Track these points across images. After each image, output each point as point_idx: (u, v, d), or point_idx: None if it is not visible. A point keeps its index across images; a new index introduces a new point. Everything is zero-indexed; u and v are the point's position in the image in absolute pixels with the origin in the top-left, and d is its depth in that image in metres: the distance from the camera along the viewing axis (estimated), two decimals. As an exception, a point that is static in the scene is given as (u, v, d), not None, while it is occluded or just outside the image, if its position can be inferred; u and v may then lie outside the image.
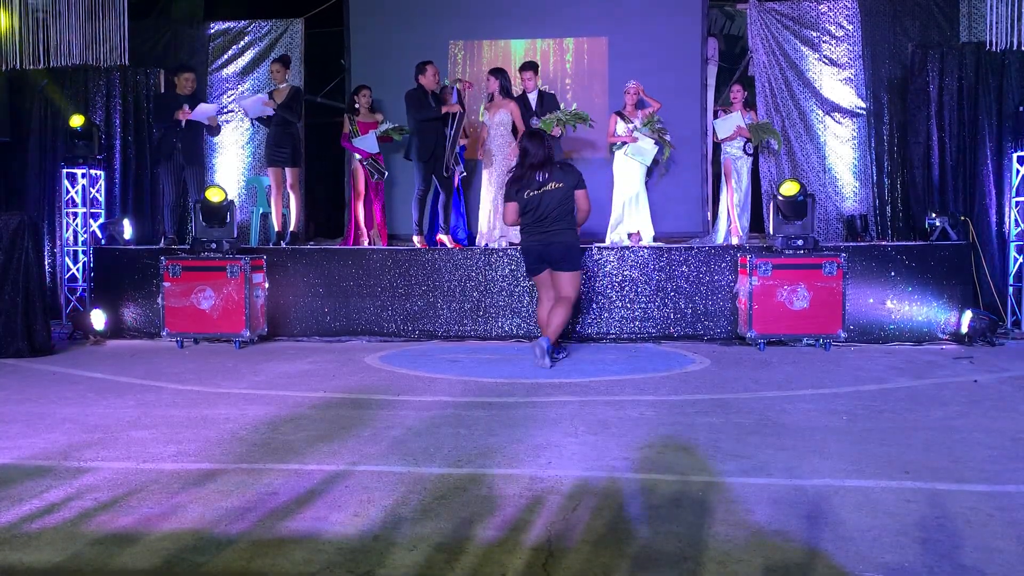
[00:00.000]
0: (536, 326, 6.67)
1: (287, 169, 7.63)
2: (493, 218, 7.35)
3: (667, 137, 7.52)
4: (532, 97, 7.46)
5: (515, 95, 7.46)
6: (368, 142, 7.63)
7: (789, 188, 6.34)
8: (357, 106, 7.82)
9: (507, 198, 5.41)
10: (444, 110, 7.10)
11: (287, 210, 7.85)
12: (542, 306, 5.54)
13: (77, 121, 7.56)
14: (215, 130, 7.88)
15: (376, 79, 8.46)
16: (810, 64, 8.68)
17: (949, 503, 2.62)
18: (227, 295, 6.35)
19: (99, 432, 3.65)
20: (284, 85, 7.66)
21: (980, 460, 3.11)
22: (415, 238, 7.25)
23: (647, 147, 7.48)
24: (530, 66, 7.48)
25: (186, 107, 7.38)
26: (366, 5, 9.19)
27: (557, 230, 5.27)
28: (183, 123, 7.38)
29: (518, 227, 5.60)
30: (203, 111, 7.51)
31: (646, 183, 7.82)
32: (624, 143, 7.53)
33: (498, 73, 7.31)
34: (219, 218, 6.60)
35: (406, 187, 8.81)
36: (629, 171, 7.62)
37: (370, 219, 7.93)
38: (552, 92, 7.72)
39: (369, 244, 7.73)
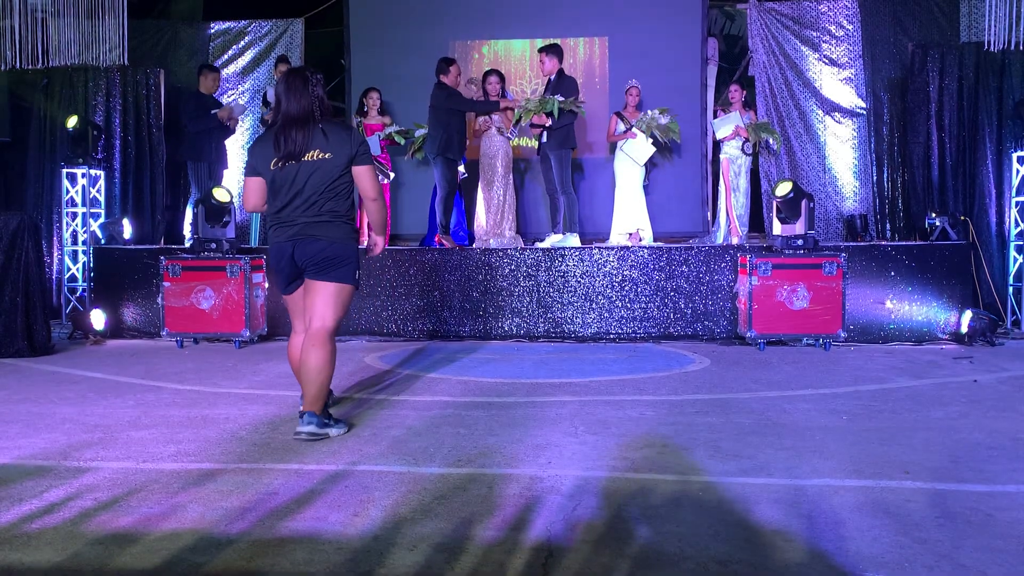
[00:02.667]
0: (536, 326, 6.69)
1: None
2: (486, 216, 7.37)
3: (665, 121, 7.53)
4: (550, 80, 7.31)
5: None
6: (371, 144, 7.67)
7: (782, 188, 6.37)
8: (366, 108, 7.83)
9: (247, 170, 3.63)
10: (504, 105, 7.23)
11: None
12: (295, 342, 3.71)
13: (74, 122, 7.56)
14: (230, 132, 7.93)
15: (376, 79, 8.47)
16: (810, 64, 8.69)
17: (949, 503, 2.62)
18: (227, 295, 6.35)
19: (99, 432, 3.65)
20: None
21: (980, 460, 3.11)
22: (444, 239, 7.26)
23: (642, 147, 7.50)
24: (545, 48, 7.23)
25: (230, 106, 7.64)
26: (366, 5, 9.19)
27: (315, 220, 3.49)
28: (220, 122, 7.58)
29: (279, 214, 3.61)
30: (238, 108, 7.85)
31: (646, 183, 7.84)
32: (624, 139, 7.56)
33: (499, 74, 7.39)
34: (219, 218, 6.61)
35: (409, 188, 8.84)
36: (628, 171, 7.64)
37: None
38: (572, 76, 7.37)
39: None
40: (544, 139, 7.15)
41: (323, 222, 3.50)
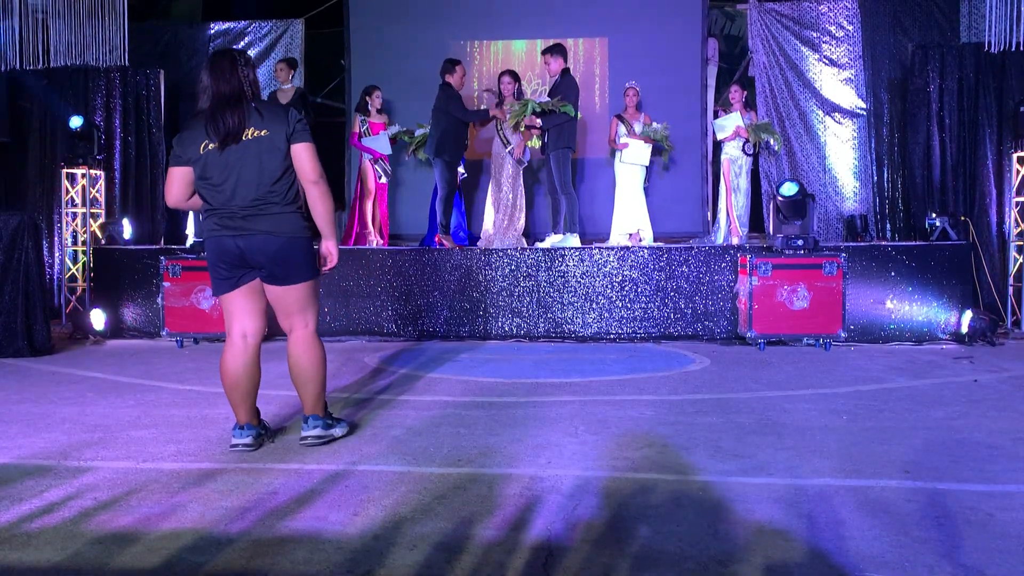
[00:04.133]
0: (536, 326, 6.68)
1: None
2: (494, 216, 7.33)
3: (666, 133, 7.57)
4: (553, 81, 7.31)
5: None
6: (380, 143, 7.69)
7: (789, 188, 6.36)
8: (369, 106, 7.85)
9: (172, 159, 3.27)
10: (493, 113, 7.23)
11: None
12: (231, 353, 3.39)
13: (76, 122, 7.56)
14: None
15: (376, 79, 8.47)
16: (810, 64, 8.69)
17: (949, 503, 2.62)
18: (227, 295, 6.35)
19: (99, 432, 3.65)
20: (289, 86, 7.73)
21: (980, 460, 3.11)
22: (444, 239, 7.26)
23: (641, 151, 7.53)
24: (547, 49, 7.21)
25: None
26: (366, 5, 9.20)
27: (259, 212, 3.19)
28: None
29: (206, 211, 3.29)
30: None
31: (647, 184, 7.84)
32: (621, 150, 7.60)
33: (512, 74, 7.39)
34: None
35: (408, 188, 8.85)
36: (628, 172, 7.65)
37: (374, 219, 7.97)
38: (573, 77, 7.26)
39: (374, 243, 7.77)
40: (545, 139, 7.16)
41: (271, 214, 3.19)
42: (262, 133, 3.18)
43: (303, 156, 3.22)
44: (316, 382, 3.38)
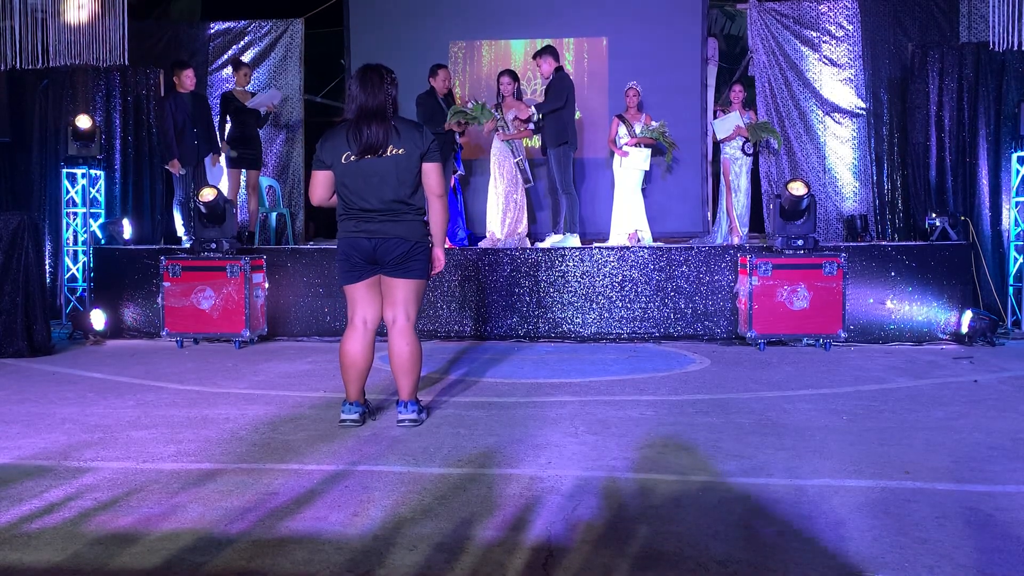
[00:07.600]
0: (536, 326, 6.68)
1: (251, 171, 7.81)
2: (504, 214, 7.29)
3: (668, 137, 7.56)
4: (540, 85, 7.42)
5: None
6: None
7: (798, 188, 6.22)
8: None
9: (316, 164, 3.67)
10: (447, 127, 7.29)
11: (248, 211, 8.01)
12: (353, 336, 3.74)
13: (85, 123, 7.53)
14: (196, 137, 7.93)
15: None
16: (810, 64, 8.69)
17: (949, 503, 2.62)
18: (227, 295, 6.35)
19: (99, 432, 3.65)
20: (245, 90, 7.88)
21: (980, 460, 3.11)
22: None
23: (639, 157, 7.54)
24: (537, 53, 7.23)
25: (176, 162, 7.46)
26: (366, 5, 9.20)
27: (393, 220, 3.59)
28: (194, 131, 7.52)
29: (350, 213, 3.65)
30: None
31: (646, 184, 7.84)
32: (621, 156, 7.61)
33: (513, 75, 7.38)
34: (218, 218, 6.60)
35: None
36: (627, 172, 7.65)
37: None
38: (566, 76, 7.26)
39: None
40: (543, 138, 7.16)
41: (404, 221, 3.61)
42: (399, 151, 3.56)
43: (431, 174, 3.66)
44: (414, 372, 3.73)
